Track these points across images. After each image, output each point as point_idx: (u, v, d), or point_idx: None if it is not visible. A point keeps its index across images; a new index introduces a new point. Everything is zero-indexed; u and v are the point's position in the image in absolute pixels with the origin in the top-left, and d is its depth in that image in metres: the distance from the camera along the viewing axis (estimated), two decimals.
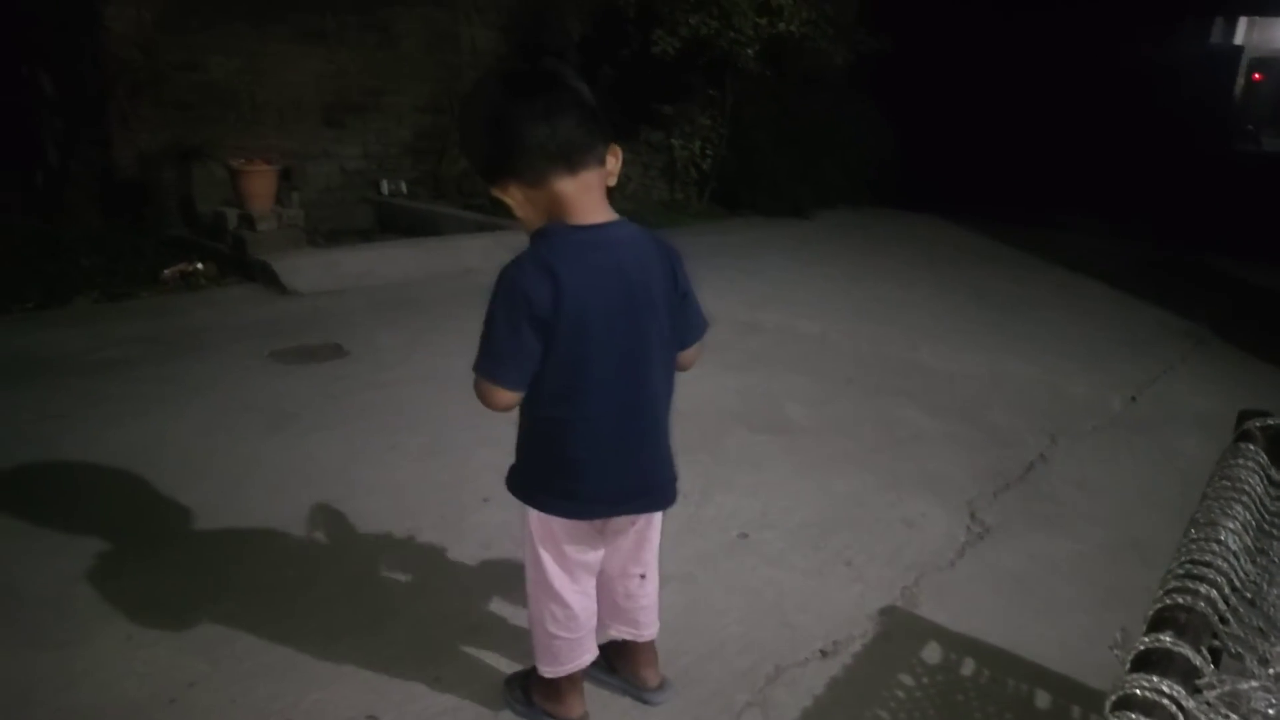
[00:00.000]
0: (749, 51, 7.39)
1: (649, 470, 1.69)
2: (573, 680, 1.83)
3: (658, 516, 1.79)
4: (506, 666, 2.02)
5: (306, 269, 5.06)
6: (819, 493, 3.05)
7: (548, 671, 1.79)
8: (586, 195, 1.51)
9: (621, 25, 7.56)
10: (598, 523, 1.69)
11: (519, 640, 2.03)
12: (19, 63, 5.52)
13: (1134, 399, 4.13)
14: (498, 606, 2.26)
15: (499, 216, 7.01)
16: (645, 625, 1.91)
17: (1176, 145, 10.66)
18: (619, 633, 1.92)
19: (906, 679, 2.14)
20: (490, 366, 1.51)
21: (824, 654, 2.18)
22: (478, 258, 5.73)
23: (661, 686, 1.97)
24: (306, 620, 2.17)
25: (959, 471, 3.26)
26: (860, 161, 9.29)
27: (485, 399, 1.54)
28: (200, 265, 5.08)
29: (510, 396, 1.53)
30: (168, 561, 2.40)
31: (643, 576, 1.84)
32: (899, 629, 2.30)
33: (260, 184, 5.34)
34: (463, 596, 2.29)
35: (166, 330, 4.33)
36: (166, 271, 5.00)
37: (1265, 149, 12.71)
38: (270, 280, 5.00)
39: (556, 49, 8.12)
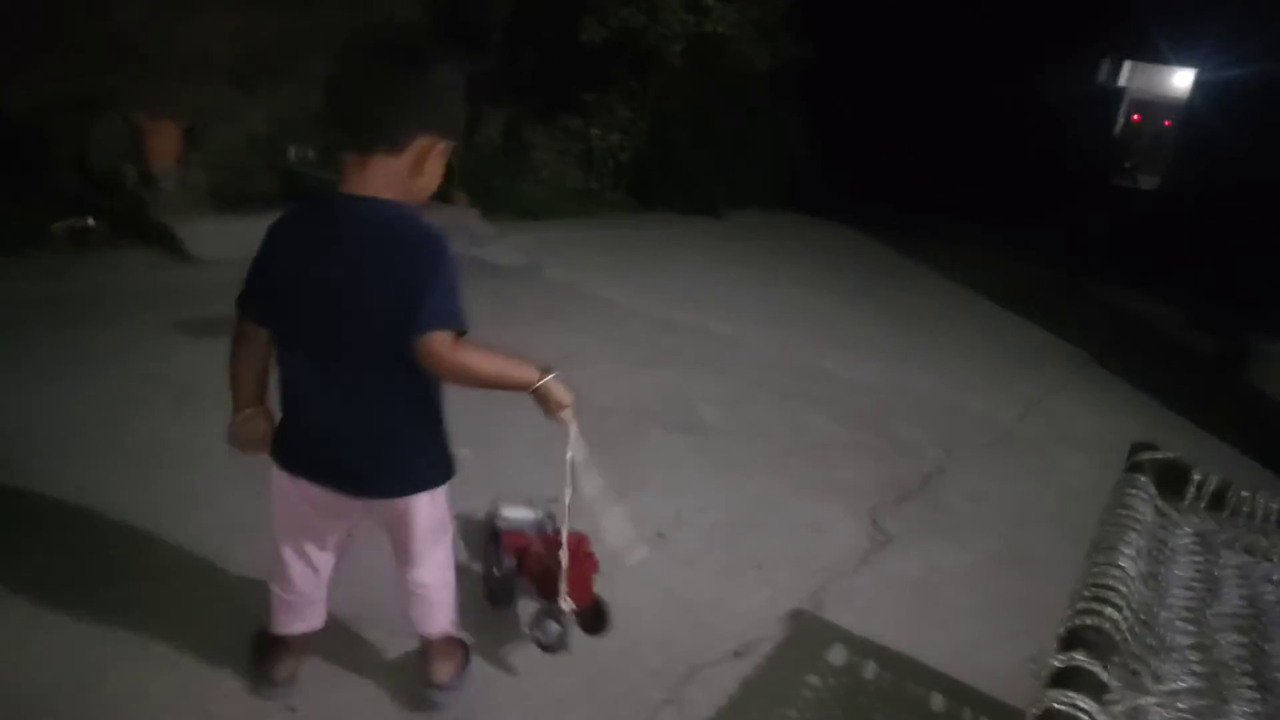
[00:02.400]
0: (675, 48, 7.45)
1: (353, 452, 1.65)
2: (285, 643, 1.88)
3: (413, 510, 1.73)
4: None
5: (210, 235, 4.82)
6: (731, 494, 3.14)
7: (268, 626, 1.89)
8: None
9: (549, 8, 7.49)
10: (322, 492, 1.68)
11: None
12: None
13: (1023, 416, 4.40)
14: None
15: None
16: (418, 621, 1.90)
17: (1065, 174, 11.32)
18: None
19: (814, 680, 2.25)
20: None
21: (736, 654, 2.26)
22: None
23: (442, 686, 1.91)
24: (219, 604, 2.12)
25: (863, 479, 3.41)
26: (775, 165, 9.50)
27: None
28: (93, 223, 4.78)
29: None
30: (71, 543, 2.30)
31: (412, 569, 1.82)
32: (806, 632, 2.41)
33: (164, 142, 5.07)
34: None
35: (61, 293, 4.08)
36: (56, 227, 4.70)
37: (1140, 186, 13.60)
38: (171, 245, 4.76)
39: (479, 24, 7.95)
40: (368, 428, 1.63)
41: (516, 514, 2.25)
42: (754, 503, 3.10)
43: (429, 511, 1.76)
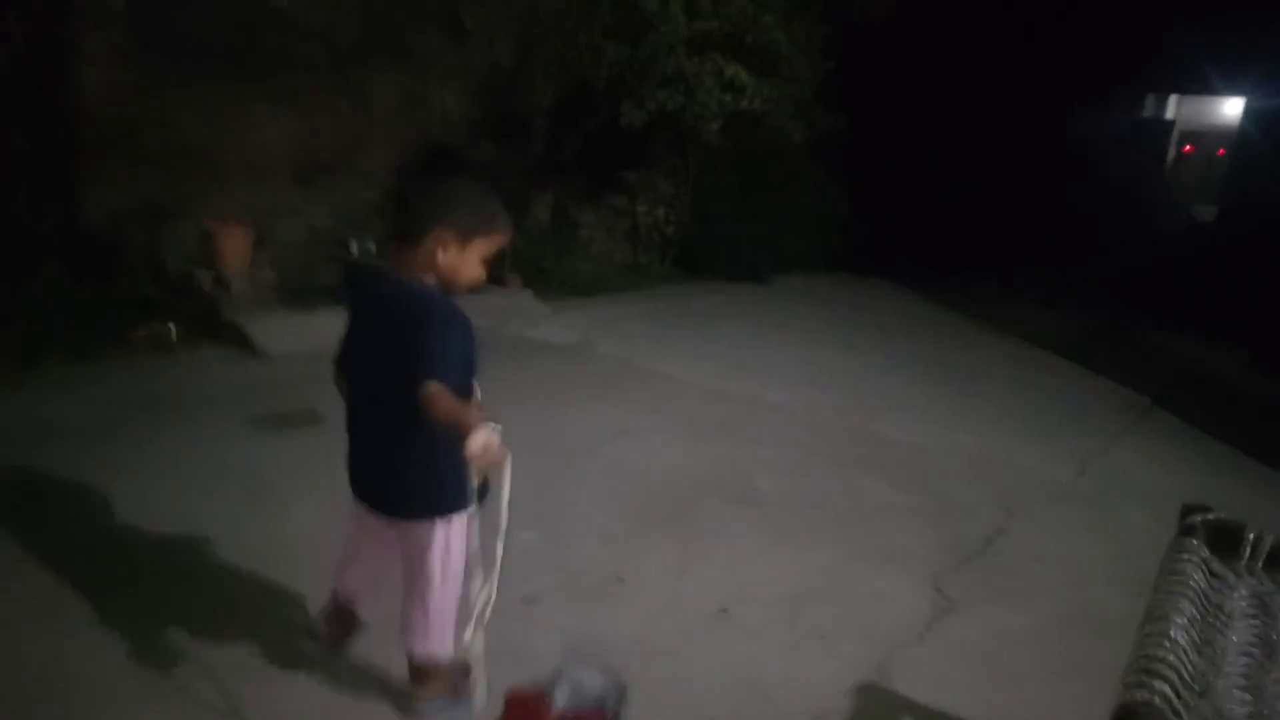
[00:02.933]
0: (713, 126, 7.68)
1: (375, 477, 2.09)
2: (334, 605, 2.29)
3: (426, 534, 2.03)
4: None
5: (279, 331, 5.07)
6: (792, 565, 3.17)
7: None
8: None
9: (590, 96, 7.81)
10: (366, 510, 2.13)
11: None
12: None
13: (1082, 472, 4.35)
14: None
15: None
16: (407, 639, 2.15)
17: (1116, 214, 11.24)
18: None
19: None
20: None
21: None
22: None
23: (415, 708, 2.18)
24: (307, 691, 2.21)
25: (923, 544, 3.42)
26: (816, 229, 9.63)
27: None
28: (171, 326, 5.06)
29: None
30: (156, 642, 2.41)
31: (414, 592, 2.10)
32: (876, 704, 2.42)
33: (234, 245, 5.38)
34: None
35: (140, 394, 4.32)
36: (136, 333, 4.98)
37: (1197, 219, 13.40)
38: (243, 343, 5.01)
39: (524, 116, 8.30)
40: (391, 460, 2.02)
41: (584, 676, 2.05)
42: (815, 573, 3.13)
43: (440, 538, 2.04)
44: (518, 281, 6.82)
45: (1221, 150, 14.87)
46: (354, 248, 7.44)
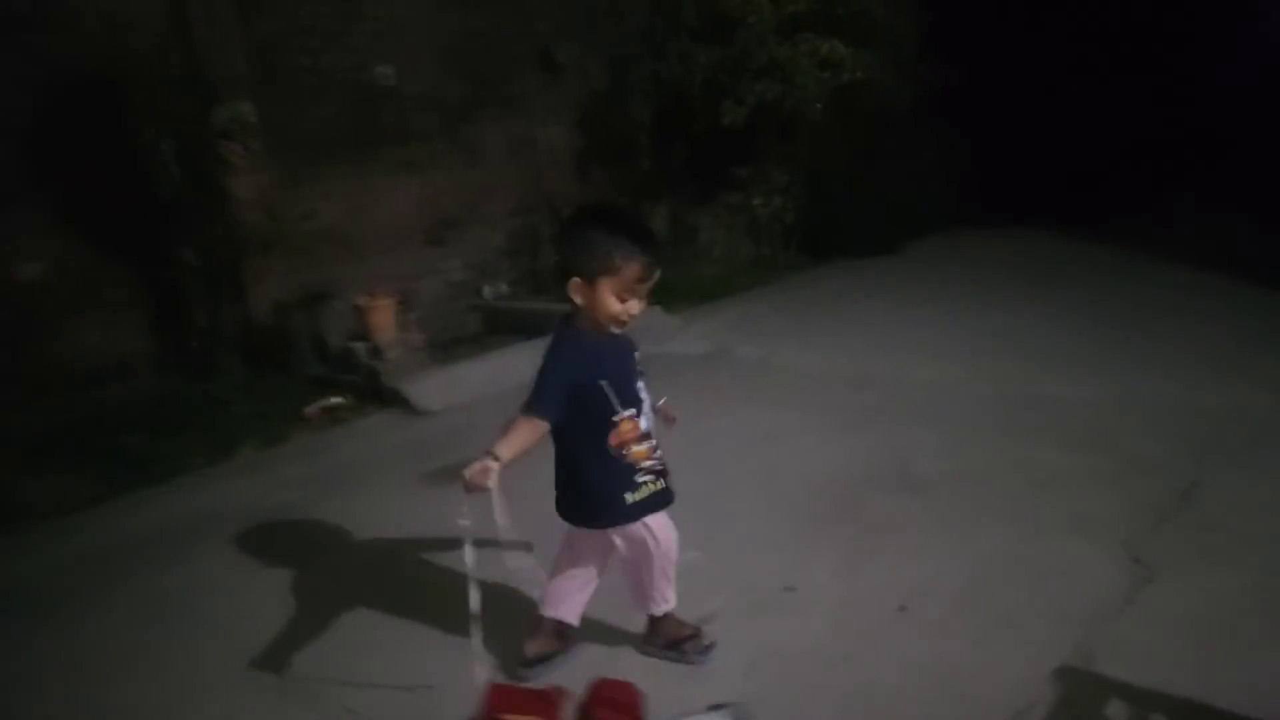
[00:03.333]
0: (816, 106, 7.55)
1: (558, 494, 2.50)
2: (541, 624, 2.61)
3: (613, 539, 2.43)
4: None
5: (435, 389, 5.37)
6: (968, 550, 3.07)
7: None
8: None
9: (689, 102, 7.84)
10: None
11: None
12: (163, 244, 6.10)
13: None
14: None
15: None
16: (638, 604, 2.58)
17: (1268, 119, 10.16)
18: None
19: None
20: None
21: None
22: None
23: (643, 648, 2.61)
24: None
25: (1108, 509, 3.23)
26: (941, 188, 9.26)
27: None
28: (340, 400, 5.46)
29: None
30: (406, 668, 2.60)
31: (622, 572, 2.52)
32: (1080, 689, 2.30)
33: (383, 316, 5.73)
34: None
35: (323, 467, 4.66)
36: (309, 410, 5.39)
37: None
38: (404, 405, 5.33)
39: (627, 136, 8.40)
40: (557, 476, 2.44)
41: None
42: (994, 555, 3.01)
43: (624, 538, 2.41)
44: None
45: None
46: (487, 293, 7.80)
